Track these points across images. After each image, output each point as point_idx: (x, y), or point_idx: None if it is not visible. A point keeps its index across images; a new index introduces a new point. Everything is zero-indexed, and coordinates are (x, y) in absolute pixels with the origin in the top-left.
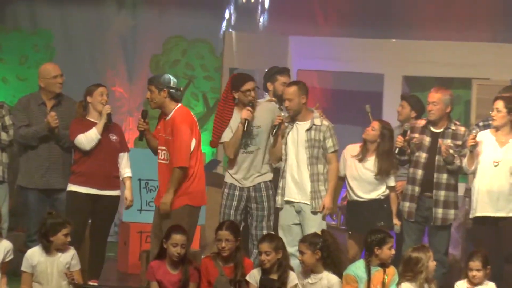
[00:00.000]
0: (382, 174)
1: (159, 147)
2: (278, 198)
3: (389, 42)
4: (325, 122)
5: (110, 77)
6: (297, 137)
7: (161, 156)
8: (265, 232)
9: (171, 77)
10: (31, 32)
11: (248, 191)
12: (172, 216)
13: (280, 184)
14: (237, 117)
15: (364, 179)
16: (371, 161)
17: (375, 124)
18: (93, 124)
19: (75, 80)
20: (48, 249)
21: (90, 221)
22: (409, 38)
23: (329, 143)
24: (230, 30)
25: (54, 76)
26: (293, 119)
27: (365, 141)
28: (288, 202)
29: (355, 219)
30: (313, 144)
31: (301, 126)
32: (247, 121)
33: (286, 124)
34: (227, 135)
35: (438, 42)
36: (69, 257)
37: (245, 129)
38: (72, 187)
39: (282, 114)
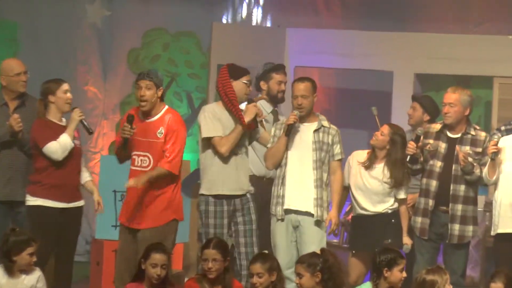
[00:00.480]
0: (396, 185)
1: (136, 153)
2: (278, 209)
3: (399, 35)
4: (334, 126)
5: (82, 74)
6: (300, 139)
7: (138, 162)
8: (255, 249)
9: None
10: None
11: (234, 204)
12: (158, 233)
13: (279, 193)
14: (226, 114)
15: (370, 189)
16: (379, 169)
17: (385, 129)
18: (60, 128)
19: (41, 78)
20: (11, 270)
21: None
22: (422, 31)
23: (337, 149)
24: (219, 21)
25: (18, 73)
26: (299, 119)
27: (373, 147)
28: (287, 211)
29: (359, 236)
30: (321, 146)
31: (307, 128)
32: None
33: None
34: (216, 129)
35: (455, 35)
36: (34, 280)
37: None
38: (38, 201)
39: (295, 112)
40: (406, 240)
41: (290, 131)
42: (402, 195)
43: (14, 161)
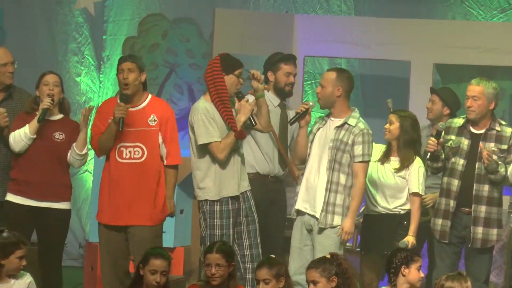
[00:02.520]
0: (402, 166)
1: (123, 144)
2: (292, 208)
3: (417, 22)
4: (361, 125)
5: (74, 65)
6: (325, 135)
7: (127, 154)
8: (260, 250)
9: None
10: None
11: (238, 202)
12: (153, 235)
13: (297, 190)
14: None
15: (383, 183)
16: (393, 161)
17: (392, 117)
18: (46, 122)
19: (30, 69)
20: None
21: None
22: (441, 17)
23: (358, 150)
24: (221, 7)
25: (4, 63)
26: (328, 114)
27: (388, 142)
28: (300, 212)
29: (370, 238)
30: (338, 145)
31: (334, 123)
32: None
33: (319, 119)
34: (213, 133)
35: (478, 22)
36: (24, 285)
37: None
38: (9, 196)
39: (310, 103)
40: (409, 239)
41: (297, 120)
42: (415, 187)
43: (1, 158)
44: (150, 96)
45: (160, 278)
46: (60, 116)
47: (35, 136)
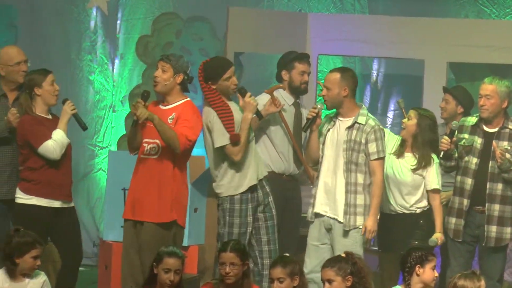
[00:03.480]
0: (421, 166)
1: (145, 140)
2: (309, 210)
3: (430, 20)
4: (371, 122)
5: (88, 63)
6: (337, 136)
7: (147, 150)
8: (277, 246)
9: (188, 63)
10: None
11: (257, 200)
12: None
13: (313, 192)
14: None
15: (399, 180)
16: (408, 157)
17: (411, 113)
18: (51, 123)
19: (43, 67)
20: (13, 274)
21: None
22: (455, 16)
23: (372, 147)
24: (235, 6)
25: (17, 62)
26: (336, 114)
27: (403, 139)
28: (317, 215)
29: (386, 236)
30: (352, 146)
31: (343, 123)
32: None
33: (328, 119)
34: (227, 136)
35: (492, 20)
36: (38, 285)
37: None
38: (33, 200)
39: (319, 106)
40: (438, 235)
41: (310, 126)
42: (433, 184)
43: (14, 157)
44: (186, 99)
45: (174, 277)
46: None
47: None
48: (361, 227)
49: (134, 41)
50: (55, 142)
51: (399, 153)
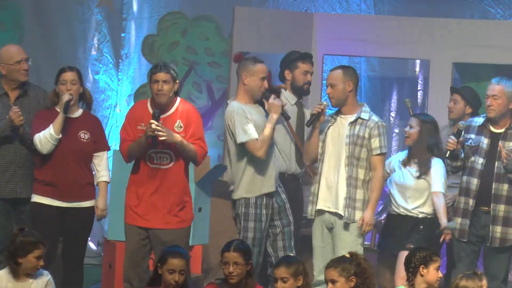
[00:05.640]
0: (421, 170)
1: (153, 150)
2: (310, 208)
3: (436, 21)
4: (375, 118)
5: (93, 62)
6: (338, 133)
7: (157, 160)
8: (294, 252)
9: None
10: None
11: (272, 207)
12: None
13: (314, 190)
14: (253, 110)
15: (403, 184)
16: (413, 164)
17: (413, 122)
18: (69, 120)
19: (49, 66)
20: (16, 273)
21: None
22: (460, 16)
23: (375, 143)
24: (241, 6)
25: (18, 61)
26: (337, 111)
27: (409, 147)
28: (319, 212)
29: (386, 236)
30: (355, 140)
31: (345, 120)
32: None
33: (328, 117)
34: (250, 132)
35: (497, 21)
36: (42, 284)
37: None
38: (35, 198)
39: (324, 103)
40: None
41: (313, 122)
42: (437, 187)
43: (17, 155)
44: (178, 100)
45: (179, 277)
46: (80, 111)
47: (60, 136)
48: (358, 221)
49: (140, 40)
50: (38, 137)
51: (407, 162)
